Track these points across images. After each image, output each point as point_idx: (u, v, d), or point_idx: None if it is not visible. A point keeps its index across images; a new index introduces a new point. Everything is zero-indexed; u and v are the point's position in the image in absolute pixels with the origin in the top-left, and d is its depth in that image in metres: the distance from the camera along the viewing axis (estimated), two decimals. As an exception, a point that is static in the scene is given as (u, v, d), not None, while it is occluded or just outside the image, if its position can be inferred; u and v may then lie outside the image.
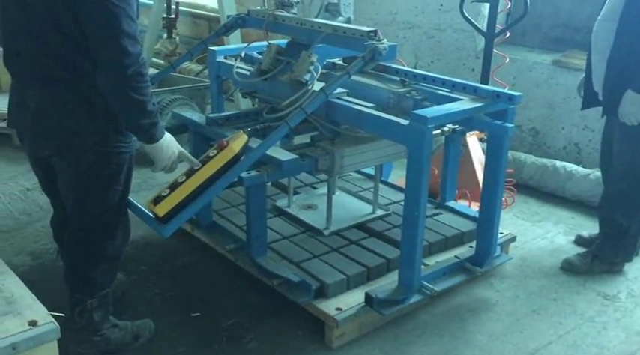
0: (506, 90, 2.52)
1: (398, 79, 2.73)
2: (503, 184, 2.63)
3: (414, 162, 2.32)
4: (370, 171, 3.36)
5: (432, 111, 2.35)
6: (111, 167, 2.14)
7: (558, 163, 3.88)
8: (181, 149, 2.24)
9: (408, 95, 2.60)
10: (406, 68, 2.77)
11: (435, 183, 3.24)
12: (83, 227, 2.23)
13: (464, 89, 2.58)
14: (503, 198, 3.46)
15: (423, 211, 2.38)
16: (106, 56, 1.92)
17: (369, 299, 2.46)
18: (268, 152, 2.45)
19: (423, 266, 2.60)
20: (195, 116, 2.96)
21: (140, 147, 2.21)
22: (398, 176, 3.62)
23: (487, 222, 2.67)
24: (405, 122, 2.31)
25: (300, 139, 2.86)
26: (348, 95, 2.58)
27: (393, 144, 2.61)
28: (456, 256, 2.79)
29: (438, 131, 2.69)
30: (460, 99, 2.53)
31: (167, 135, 2.15)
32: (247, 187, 2.55)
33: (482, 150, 3.78)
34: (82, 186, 2.15)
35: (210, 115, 2.87)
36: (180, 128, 3.04)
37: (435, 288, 2.52)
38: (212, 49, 3.25)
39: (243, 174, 2.42)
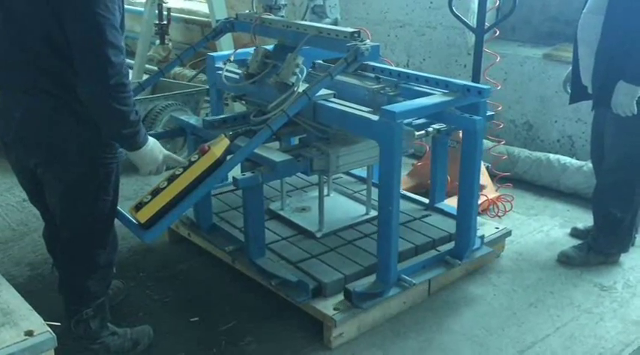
0: (475, 84, 2.57)
1: (373, 76, 2.77)
2: (478, 176, 2.68)
3: (385, 157, 2.35)
4: (361, 173, 3.37)
5: (400, 106, 2.38)
6: (98, 178, 2.14)
7: (552, 156, 3.89)
8: (166, 153, 2.24)
9: (381, 91, 2.62)
10: (381, 65, 2.77)
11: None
12: (74, 238, 2.23)
13: (436, 84, 2.62)
14: (502, 205, 3.54)
15: (397, 205, 2.41)
16: (89, 66, 1.92)
17: (347, 293, 2.50)
18: (262, 153, 2.47)
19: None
20: (193, 119, 2.97)
21: (126, 155, 2.21)
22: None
23: (465, 215, 2.71)
24: (375, 118, 2.35)
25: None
26: (335, 96, 2.58)
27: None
28: (436, 249, 2.82)
29: (423, 132, 2.70)
30: (432, 95, 2.56)
31: (150, 141, 2.14)
32: (243, 189, 2.56)
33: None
34: (70, 197, 2.14)
35: (207, 118, 2.88)
36: (177, 131, 3.06)
37: (414, 281, 2.55)
38: (211, 55, 3.26)
39: (238, 177, 2.43)
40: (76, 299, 2.29)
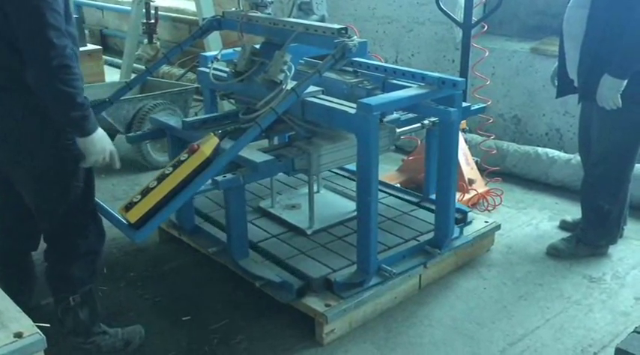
0: (450, 77, 2.60)
1: (352, 70, 2.79)
2: (456, 166, 2.72)
3: (363, 150, 2.39)
4: (351, 169, 3.37)
5: (377, 99, 2.42)
6: (67, 167, 2.16)
7: (540, 150, 3.91)
8: (113, 147, 2.24)
9: (360, 85, 2.66)
10: (360, 59, 2.78)
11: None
12: (51, 227, 2.27)
13: (412, 77, 2.65)
14: (492, 199, 3.56)
15: (375, 196, 2.45)
16: (32, 50, 1.93)
17: (328, 283, 2.53)
18: (243, 154, 2.46)
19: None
20: (172, 120, 2.98)
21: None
22: (384, 170, 3.63)
23: (443, 205, 2.75)
24: (352, 111, 2.38)
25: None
26: (323, 93, 2.59)
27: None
28: (415, 239, 2.85)
29: (418, 125, 2.72)
30: (409, 88, 2.59)
31: (100, 131, 2.15)
32: (225, 190, 2.55)
33: (465, 140, 3.81)
34: (41, 189, 2.18)
35: (187, 119, 2.89)
36: (158, 133, 3.05)
37: (394, 271, 2.59)
38: (204, 55, 3.25)
39: (219, 178, 2.42)
40: (62, 286, 2.31)
